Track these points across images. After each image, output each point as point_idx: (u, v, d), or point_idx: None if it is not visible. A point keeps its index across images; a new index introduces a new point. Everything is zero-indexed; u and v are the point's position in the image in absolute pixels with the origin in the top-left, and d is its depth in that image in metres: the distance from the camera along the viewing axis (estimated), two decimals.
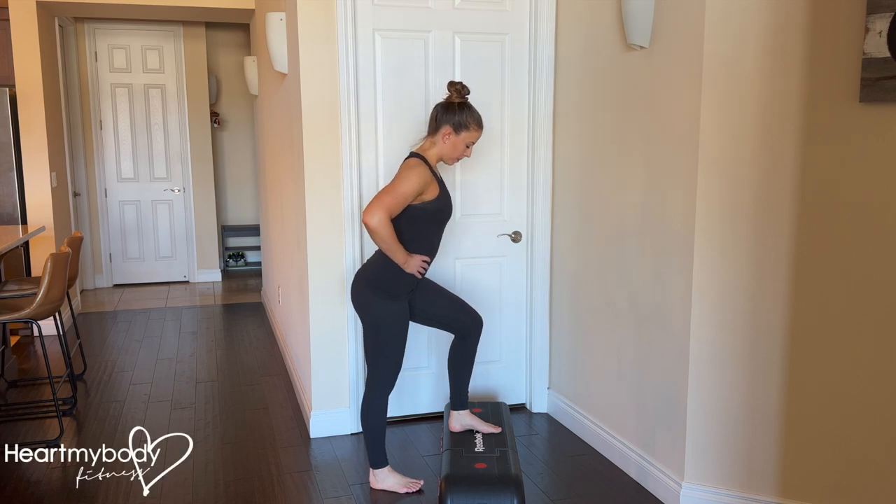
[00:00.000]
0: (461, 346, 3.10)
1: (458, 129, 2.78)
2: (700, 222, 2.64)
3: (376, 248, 2.85)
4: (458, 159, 2.87)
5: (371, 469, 2.99)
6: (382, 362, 2.87)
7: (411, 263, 2.77)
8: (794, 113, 2.47)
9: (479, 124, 2.81)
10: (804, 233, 2.50)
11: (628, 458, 3.13)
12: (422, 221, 2.80)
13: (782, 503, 2.65)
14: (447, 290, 3.12)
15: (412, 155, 2.83)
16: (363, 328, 2.92)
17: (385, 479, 2.97)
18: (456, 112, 2.78)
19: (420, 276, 2.85)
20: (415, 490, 2.95)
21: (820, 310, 2.51)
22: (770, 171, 2.53)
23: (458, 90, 2.81)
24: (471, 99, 3.29)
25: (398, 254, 2.73)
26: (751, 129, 2.54)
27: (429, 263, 2.85)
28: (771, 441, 2.65)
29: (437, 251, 2.93)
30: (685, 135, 2.67)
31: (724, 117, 2.57)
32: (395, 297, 2.84)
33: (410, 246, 2.79)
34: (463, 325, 3.06)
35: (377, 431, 2.93)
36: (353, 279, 2.95)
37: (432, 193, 2.78)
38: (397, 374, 2.92)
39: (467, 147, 2.83)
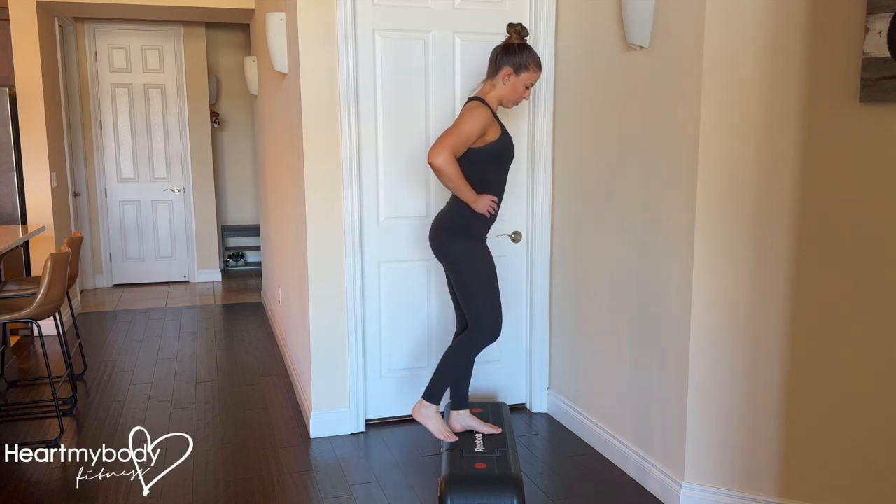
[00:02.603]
0: (456, 341, 3.10)
1: (518, 69, 2.80)
2: (700, 222, 2.64)
3: (447, 194, 2.89)
4: (517, 102, 2.89)
5: (422, 399, 3.00)
6: (485, 306, 2.88)
7: (480, 202, 2.81)
8: (794, 113, 2.47)
9: (538, 65, 2.83)
10: (804, 233, 2.50)
11: (628, 458, 3.13)
12: (485, 162, 2.83)
13: (782, 503, 2.65)
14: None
15: (472, 99, 2.85)
16: (454, 280, 2.93)
17: (429, 415, 3.00)
18: (516, 53, 2.80)
19: (490, 216, 2.87)
20: (447, 440, 2.97)
21: (820, 310, 2.51)
22: (770, 171, 2.53)
23: (518, 31, 2.83)
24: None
25: (466, 192, 2.77)
26: (751, 129, 2.54)
27: (498, 203, 2.88)
28: (771, 441, 2.65)
29: (503, 192, 2.95)
30: (685, 135, 2.67)
31: (724, 117, 2.57)
32: (475, 237, 2.88)
33: (477, 189, 2.82)
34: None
35: (452, 374, 2.95)
36: (430, 231, 2.98)
37: (494, 134, 2.81)
38: (501, 318, 2.92)
39: (527, 88, 2.86)
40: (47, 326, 5.05)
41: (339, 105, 3.37)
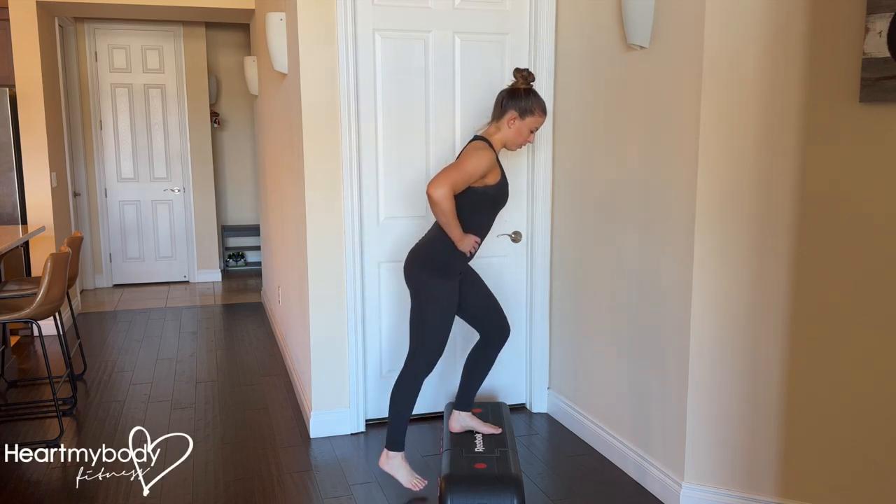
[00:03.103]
0: (483, 351, 3.12)
1: (523, 114, 2.81)
2: (700, 222, 2.64)
3: (430, 224, 2.89)
4: (521, 145, 2.89)
5: (385, 449, 2.98)
6: (427, 340, 2.89)
7: (465, 241, 2.81)
8: (794, 113, 2.47)
9: (543, 110, 2.84)
10: (804, 233, 2.50)
11: (628, 458, 3.13)
12: (480, 204, 2.84)
13: (782, 503, 2.65)
14: (488, 288, 3.15)
15: (477, 138, 2.86)
16: (412, 305, 2.94)
17: (396, 466, 2.96)
18: (522, 98, 2.81)
19: (470, 256, 2.88)
20: (416, 489, 2.95)
21: (820, 310, 2.51)
22: (770, 171, 2.53)
23: (525, 76, 2.85)
24: (470, 99, 3.30)
25: (454, 229, 2.77)
26: (751, 129, 2.54)
27: (479, 245, 2.88)
28: (771, 441, 2.65)
29: (487, 234, 2.96)
30: (685, 135, 2.67)
31: (724, 117, 2.57)
32: (447, 275, 2.88)
33: (465, 227, 2.82)
34: (493, 325, 3.08)
35: (402, 412, 2.93)
36: (407, 256, 2.98)
37: (494, 178, 2.82)
38: (438, 356, 2.92)
39: (531, 132, 2.86)
40: (47, 326, 5.05)
41: (339, 105, 3.37)
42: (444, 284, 2.88)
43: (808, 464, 2.60)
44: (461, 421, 3.14)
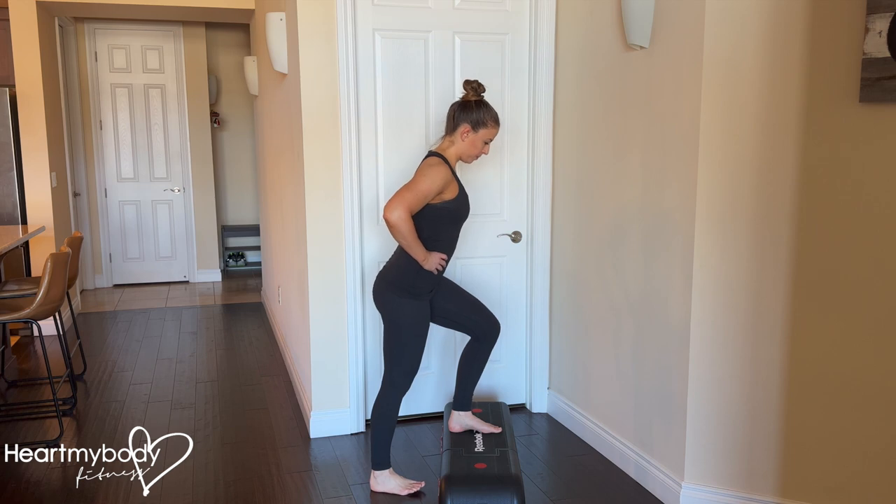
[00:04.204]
0: (475, 348, 3.11)
1: (476, 126, 2.79)
2: (700, 222, 2.64)
3: (393, 248, 2.86)
4: (476, 157, 2.87)
5: (372, 471, 2.99)
6: (401, 361, 2.88)
7: (430, 260, 2.79)
8: (794, 113, 2.47)
9: (496, 121, 2.83)
10: (804, 233, 2.50)
11: (628, 458, 3.13)
12: (440, 220, 2.81)
13: (782, 503, 2.65)
14: (466, 291, 3.13)
15: (431, 154, 2.84)
16: (384, 327, 2.92)
17: (386, 481, 2.97)
18: (473, 110, 2.79)
19: (438, 273, 2.86)
20: (416, 490, 2.95)
21: (820, 310, 2.51)
22: (770, 171, 2.53)
23: (475, 88, 2.83)
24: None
25: (418, 250, 2.74)
26: (751, 129, 2.54)
27: (447, 261, 2.87)
28: (771, 441, 2.65)
29: (454, 250, 2.95)
30: (685, 135, 2.67)
31: (724, 117, 2.57)
32: (417, 296, 2.85)
33: (429, 244, 2.80)
34: (479, 326, 3.07)
35: (384, 433, 2.92)
36: (375, 280, 2.96)
37: (452, 193, 2.80)
38: (413, 375, 2.92)
39: (485, 144, 2.85)
40: (47, 326, 5.05)
41: (339, 105, 3.37)
42: (414, 305, 2.85)
43: (807, 464, 2.60)
44: (461, 421, 3.14)
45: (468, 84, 2.83)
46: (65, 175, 5.98)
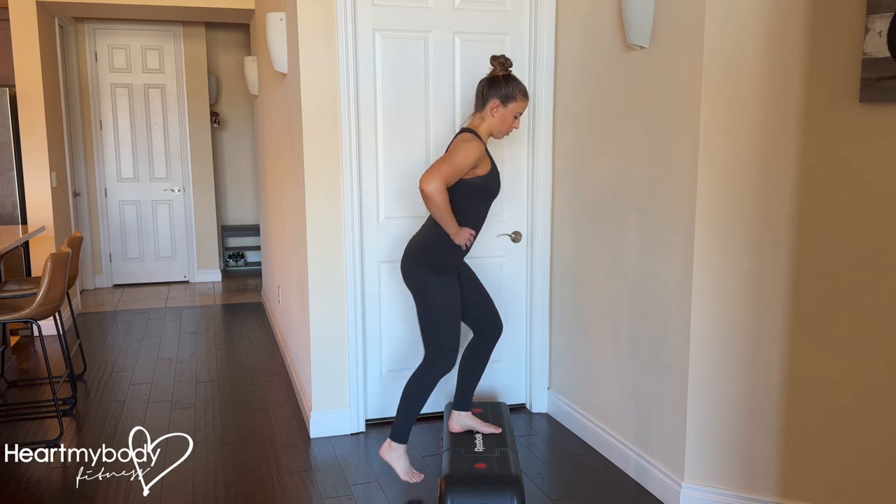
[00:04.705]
0: (477, 347, 3.12)
1: (505, 101, 2.81)
2: (700, 222, 2.64)
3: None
4: (507, 132, 2.89)
5: (389, 439, 2.99)
6: (434, 341, 2.89)
7: (461, 234, 2.81)
8: (794, 113, 2.47)
9: (525, 94, 2.84)
10: (804, 233, 2.50)
11: (628, 458, 3.13)
12: (472, 196, 2.84)
13: (782, 503, 2.65)
14: (481, 283, 3.15)
15: (464, 130, 2.86)
16: (417, 307, 2.94)
17: (398, 457, 2.98)
18: (502, 85, 2.81)
19: (466, 249, 2.89)
20: (413, 481, 2.97)
21: (820, 310, 2.51)
22: (770, 171, 2.53)
23: (502, 63, 2.84)
24: (470, 99, 3.29)
25: (450, 223, 2.76)
26: (751, 129, 2.54)
27: (474, 237, 2.89)
28: (771, 441, 2.65)
29: (482, 227, 2.96)
30: (685, 135, 2.67)
31: (724, 117, 2.57)
32: (444, 270, 2.88)
33: (458, 219, 2.82)
34: (487, 322, 3.09)
35: (412, 407, 2.94)
36: (403, 254, 2.98)
37: (485, 168, 2.82)
38: (452, 355, 2.91)
39: (515, 118, 2.86)
40: (47, 326, 5.05)
41: (339, 105, 3.37)
42: (445, 280, 2.88)
43: (807, 464, 2.60)
44: (461, 421, 3.14)
45: (495, 59, 2.85)
46: (65, 175, 5.98)
